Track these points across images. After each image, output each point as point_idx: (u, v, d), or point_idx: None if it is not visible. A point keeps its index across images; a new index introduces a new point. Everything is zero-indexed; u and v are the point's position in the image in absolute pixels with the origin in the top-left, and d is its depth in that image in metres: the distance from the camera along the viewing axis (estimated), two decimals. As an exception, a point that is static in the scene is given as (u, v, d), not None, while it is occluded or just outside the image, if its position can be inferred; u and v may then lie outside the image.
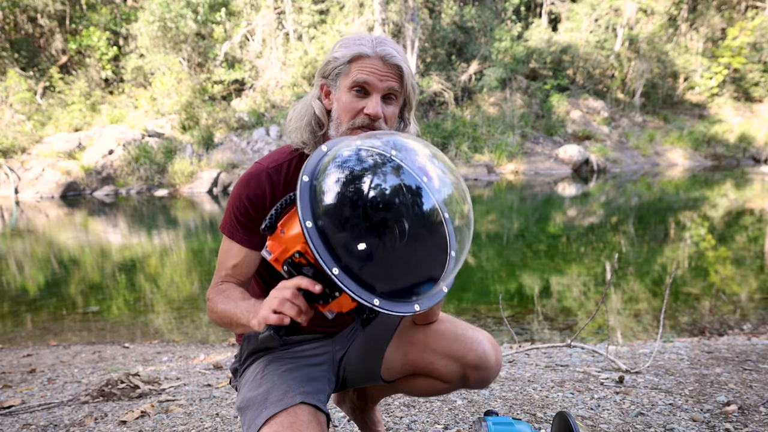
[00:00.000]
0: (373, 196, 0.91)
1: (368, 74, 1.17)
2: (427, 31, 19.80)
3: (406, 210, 0.92)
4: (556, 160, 17.21)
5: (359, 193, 0.91)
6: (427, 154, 1.01)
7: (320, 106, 1.26)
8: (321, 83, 1.27)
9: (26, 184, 13.23)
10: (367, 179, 0.93)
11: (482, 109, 18.89)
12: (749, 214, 9.74)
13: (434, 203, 0.95)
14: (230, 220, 1.25)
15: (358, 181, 0.93)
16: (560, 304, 4.90)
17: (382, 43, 1.19)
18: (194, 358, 3.47)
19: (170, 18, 17.09)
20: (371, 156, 0.96)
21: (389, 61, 1.18)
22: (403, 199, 0.93)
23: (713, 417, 1.87)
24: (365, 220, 0.90)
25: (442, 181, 0.99)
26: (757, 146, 19.65)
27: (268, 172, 1.24)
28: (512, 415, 1.95)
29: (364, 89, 1.19)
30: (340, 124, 1.22)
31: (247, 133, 15.56)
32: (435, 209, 0.95)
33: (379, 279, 0.92)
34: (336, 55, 1.21)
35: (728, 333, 3.80)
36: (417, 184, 0.95)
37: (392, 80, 1.19)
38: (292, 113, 1.30)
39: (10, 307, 5.18)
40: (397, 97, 1.23)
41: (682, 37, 23.00)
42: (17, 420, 2.13)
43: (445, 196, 0.98)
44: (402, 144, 1.01)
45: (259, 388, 1.21)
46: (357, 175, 0.94)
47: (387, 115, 1.21)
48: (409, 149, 1.00)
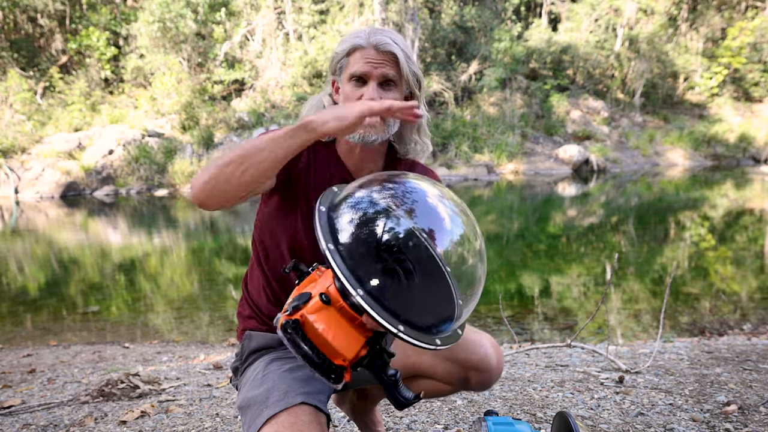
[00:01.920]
0: (386, 240, 0.92)
1: (363, 63, 1.22)
2: (427, 31, 19.80)
3: (411, 255, 0.93)
4: (556, 160, 17.21)
5: (371, 235, 0.93)
6: (437, 195, 1.02)
7: (329, 101, 1.32)
8: (331, 80, 1.33)
9: (26, 184, 13.23)
10: (378, 224, 0.94)
11: (482, 109, 18.89)
12: (749, 214, 9.74)
13: (434, 255, 0.94)
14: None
15: (370, 225, 0.95)
16: (560, 304, 4.90)
17: (376, 33, 1.24)
18: (194, 358, 3.47)
19: (170, 18, 17.09)
20: (379, 204, 0.98)
21: (382, 48, 1.22)
22: (406, 245, 0.93)
23: (713, 417, 1.87)
24: (376, 259, 0.90)
25: (451, 223, 0.99)
26: (757, 146, 19.65)
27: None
28: (512, 415, 1.95)
29: (361, 79, 1.23)
30: None
31: (247, 133, 15.55)
32: (435, 261, 0.94)
33: (401, 306, 0.91)
34: (336, 50, 1.28)
35: (728, 333, 3.80)
36: (416, 240, 0.94)
37: (387, 67, 1.22)
38: (306, 106, 1.36)
39: (10, 307, 5.18)
40: (397, 83, 1.25)
41: (682, 37, 23.00)
42: (17, 420, 2.13)
43: (452, 240, 0.99)
44: (410, 190, 1.02)
45: (260, 388, 1.21)
46: (368, 219, 0.96)
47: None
48: (418, 196, 1.02)
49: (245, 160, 1.04)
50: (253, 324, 1.39)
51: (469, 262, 1.01)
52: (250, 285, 1.41)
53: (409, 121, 1.13)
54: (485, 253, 1.04)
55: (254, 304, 1.39)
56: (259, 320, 1.38)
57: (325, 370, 0.92)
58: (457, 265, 0.98)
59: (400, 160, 1.39)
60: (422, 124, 1.35)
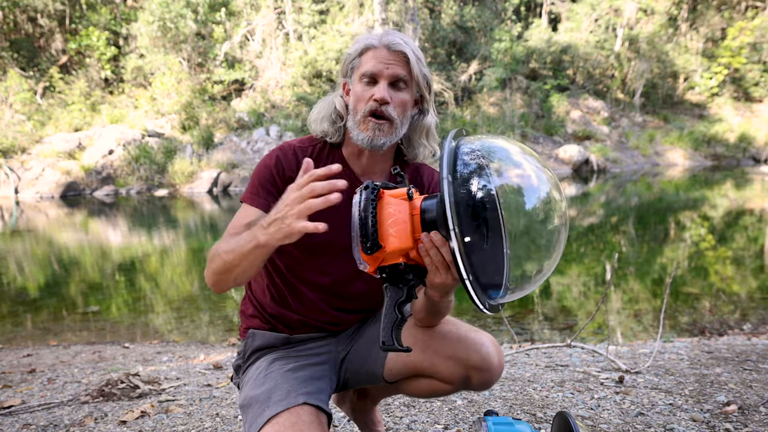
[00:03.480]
0: (480, 196, 0.93)
1: (374, 62, 1.23)
2: (427, 31, 19.80)
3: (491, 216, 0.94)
4: (556, 160, 17.22)
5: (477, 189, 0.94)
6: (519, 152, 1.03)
7: (341, 102, 1.33)
8: (342, 82, 1.34)
9: (26, 184, 13.23)
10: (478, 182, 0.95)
11: (482, 109, 18.89)
12: (749, 214, 9.74)
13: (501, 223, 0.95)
14: (252, 188, 1.28)
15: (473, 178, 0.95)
16: (560, 304, 4.90)
17: (388, 34, 1.25)
18: (194, 358, 3.47)
19: (170, 18, 17.09)
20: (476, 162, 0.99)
21: (394, 48, 1.23)
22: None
23: (713, 417, 1.87)
24: (471, 211, 0.92)
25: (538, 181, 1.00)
26: (757, 146, 19.65)
27: (295, 150, 1.31)
28: (512, 415, 1.95)
29: (372, 78, 1.24)
30: (356, 114, 1.26)
31: (247, 133, 15.55)
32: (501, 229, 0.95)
33: (480, 268, 0.94)
34: (349, 51, 1.30)
35: (728, 333, 3.80)
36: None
37: (398, 66, 1.23)
38: (315, 108, 1.37)
39: (10, 307, 5.18)
40: (407, 84, 1.26)
41: (682, 37, 23.01)
42: (17, 420, 2.13)
43: (542, 197, 0.99)
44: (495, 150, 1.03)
45: (262, 387, 1.22)
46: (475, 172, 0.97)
47: (397, 101, 1.25)
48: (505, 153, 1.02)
49: (229, 271, 1.12)
50: (256, 323, 1.39)
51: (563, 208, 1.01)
52: (254, 284, 1.41)
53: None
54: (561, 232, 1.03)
55: (258, 302, 1.39)
56: (262, 319, 1.39)
57: (367, 237, 0.98)
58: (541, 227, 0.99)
59: (408, 164, 1.39)
60: (431, 128, 1.35)
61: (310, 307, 1.35)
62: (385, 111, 1.23)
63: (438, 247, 0.97)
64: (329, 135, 1.32)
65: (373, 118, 1.23)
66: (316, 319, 1.36)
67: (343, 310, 1.38)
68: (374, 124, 1.23)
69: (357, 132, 1.26)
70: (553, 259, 1.01)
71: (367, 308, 1.43)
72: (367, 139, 1.24)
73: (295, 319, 1.35)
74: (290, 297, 1.35)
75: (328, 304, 1.36)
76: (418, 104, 1.32)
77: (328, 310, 1.36)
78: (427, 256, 0.99)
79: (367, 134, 1.24)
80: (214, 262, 1.14)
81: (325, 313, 1.36)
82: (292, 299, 1.35)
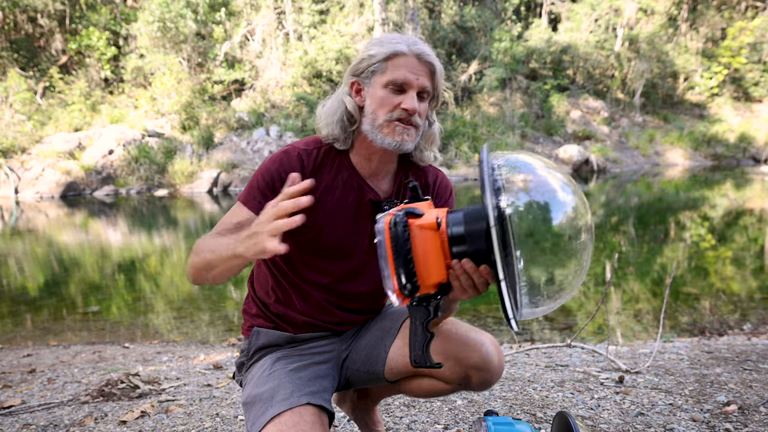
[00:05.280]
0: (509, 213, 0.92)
1: (405, 71, 1.21)
2: (427, 31, 19.80)
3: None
4: (556, 160, 17.22)
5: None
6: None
7: (352, 103, 1.28)
8: (352, 81, 1.29)
9: (26, 184, 13.23)
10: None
11: (482, 109, 18.89)
12: (749, 214, 9.74)
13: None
14: (249, 189, 1.27)
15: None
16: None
17: (416, 43, 1.24)
18: (194, 358, 3.47)
19: (170, 18, 17.09)
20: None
21: (424, 59, 1.22)
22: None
23: (713, 417, 1.87)
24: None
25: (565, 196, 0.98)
26: (757, 146, 19.64)
27: (300, 153, 1.29)
28: (512, 415, 1.95)
29: (402, 87, 1.22)
30: (376, 118, 1.24)
31: (247, 133, 15.55)
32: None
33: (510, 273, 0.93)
34: (371, 52, 1.24)
35: (728, 333, 3.80)
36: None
37: (425, 78, 1.23)
38: (322, 109, 1.33)
39: (10, 307, 5.18)
40: (428, 95, 1.26)
41: (682, 37, 23.00)
42: (17, 420, 2.13)
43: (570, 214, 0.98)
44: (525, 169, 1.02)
45: (266, 385, 1.22)
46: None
47: (421, 110, 1.25)
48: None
49: (207, 270, 1.14)
50: (260, 322, 1.40)
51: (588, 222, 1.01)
52: (257, 284, 1.41)
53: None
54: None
55: (261, 303, 1.40)
56: (266, 318, 1.39)
57: (406, 279, 0.97)
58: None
59: (411, 166, 1.39)
60: (437, 135, 1.36)
61: (316, 307, 1.36)
62: (413, 120, 1.24)
63: (470, 274, 0.96)
64: (339, 141, 1.30)
65: (401, 123, 1.23)
66: (321, 320, 1.37)
67: (347, 310, 1.39)
68: (402, 128, 1.23)
69: (380, 136, 1.24)
70: (580, 275, 1.01)
71: (372, 308, 1.44)
72: (395, 143, 1.23)
73: (300, 320, 1.36)
74: (296, 297, 1.35)
75: (333, 304, 1.36)
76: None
77: (333, 310, 1.37)
78: (457, 280, 0.98)
79: (395, 138, 1.23)
80: (198, 256, 1.16)
81: (330, 313, 1.37)
82: (298, 300, 1.35)
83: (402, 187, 1.37)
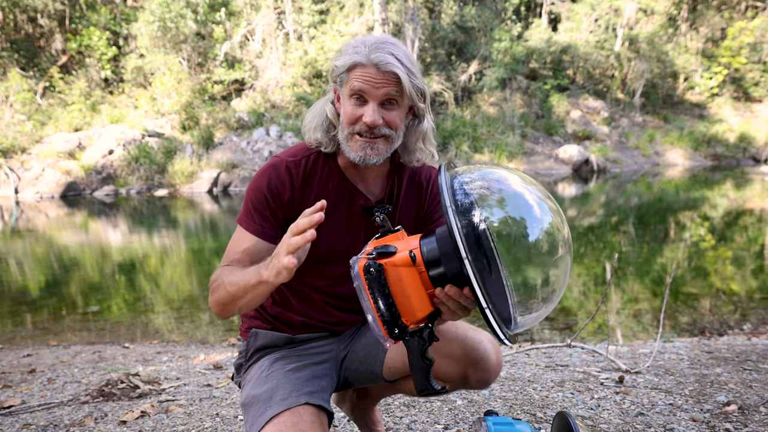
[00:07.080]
0: (482, 229, 0.92)
1: (362, 83, 1.18)
2: (427, 31, 19.79)
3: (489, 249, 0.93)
4: (556, 160, 17.21)
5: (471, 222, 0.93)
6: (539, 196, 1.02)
7: (332, 110, 1.29)
8: (333, 88, 1.30)
9: (26, 184, 13.22)
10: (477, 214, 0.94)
11: (482, 109, 18.89)
12: (749, 214, 9.74)
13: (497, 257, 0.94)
14: (246, 211, 1.27)
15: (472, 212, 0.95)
16: (560, 304, 4.89)
17: (377, 50, 1.19)
18: (194, 358, 3.47)
19: (170, 18, 17.08)
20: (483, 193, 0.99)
21: (383, 68, 1.18)
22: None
23: (713, 417, 1.87)
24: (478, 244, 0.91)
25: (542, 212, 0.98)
26: (757, 146, 19.63)
27: (288, 165, 1.28)
28: (512, 415, 1.95)
29: (362, 97, 1.20)
30: (344, 130, 1.24)
31: (247, 133, 15.54)
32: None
33: (493, 290, 0.93)
34: (336, 63, 1.24)
35: (728, 333, 3.80)
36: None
37: (388, 86, 1.19)
38: (309, 114, 1.34)
39: (10, 307, 5.18)
40: (398, 101, 1.22)
41: (682, 37, 22.99)
42: (17, 420, 2.13)
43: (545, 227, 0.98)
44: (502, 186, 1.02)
45: (264, 386, 1.22)
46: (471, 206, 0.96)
47: (389, 120, 1.22)
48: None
49: (233, 303, 1.16)
50: (258, 323, 1.40)
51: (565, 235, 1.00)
52: None
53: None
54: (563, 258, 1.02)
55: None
56: (263, 320, 1.39)
57: (391, 323, 0.95)
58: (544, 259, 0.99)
59: (404, 167, 1.38)
60: (427, 132, 1.33)
61: (313, 308, 1.36)
62: (377, 131, 1.21)
63: (455, 299, 0.96)
64: (323, 145, 1.30)
65: (361, 137, 1.21)
66: (318, 320, 1.37)
67: (345, 311, 1.39)
68: (363, 142, 1.21)
69: (348, 149, 1.24)
70: (559, 289, 1.01)
71: None
72: (359, 157, 1.23)
73: (297, 321, 1.36)
74: (293, 299, 1.36)
75: (330, 304, 1.36)
76: (413, 110, 1.29)
77: (330, 311, 1.37)
78: (444, 305, 0.98)
79: (359, 153, 1.22)
80: (219, 292, 1.17)
81: (327, 313, 1.37)
82: (295, 301, 1.35)
83: (395, 188, 1.36)
